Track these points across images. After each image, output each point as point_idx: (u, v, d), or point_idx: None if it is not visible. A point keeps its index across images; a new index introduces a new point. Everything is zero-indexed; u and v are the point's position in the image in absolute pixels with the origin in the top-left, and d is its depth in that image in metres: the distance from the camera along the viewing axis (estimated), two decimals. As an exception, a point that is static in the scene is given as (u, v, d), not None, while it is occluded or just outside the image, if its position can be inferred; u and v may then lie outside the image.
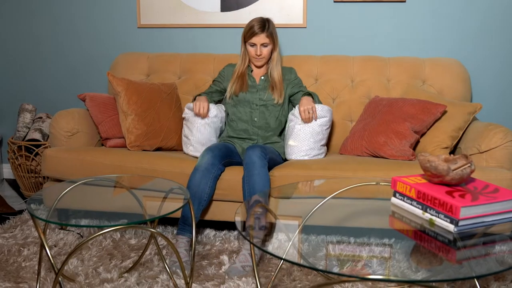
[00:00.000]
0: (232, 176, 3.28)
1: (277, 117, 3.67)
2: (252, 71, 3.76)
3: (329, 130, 3.59)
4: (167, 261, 2.93)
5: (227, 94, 3.73)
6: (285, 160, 3.62)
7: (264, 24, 3.59)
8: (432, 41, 4.17)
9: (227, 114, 3.78)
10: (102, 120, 3.84)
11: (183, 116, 3.66)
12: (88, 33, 4.68)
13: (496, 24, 4.08)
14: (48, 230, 3.44)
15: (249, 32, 3.59)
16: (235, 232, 3.50)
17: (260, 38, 3.58)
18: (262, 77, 3.73)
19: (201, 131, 3.54)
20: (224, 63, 4.12)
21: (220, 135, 3.77)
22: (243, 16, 4.35)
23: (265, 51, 3.63)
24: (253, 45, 3.62)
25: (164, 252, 3.15)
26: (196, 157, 3.53)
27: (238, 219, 2.13)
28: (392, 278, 1.59)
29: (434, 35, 4.16)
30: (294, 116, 3.52)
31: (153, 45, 4.59)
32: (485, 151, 3.22)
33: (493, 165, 3.20)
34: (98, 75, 4.74)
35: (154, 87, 3.89)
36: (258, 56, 3.64)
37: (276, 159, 3.43)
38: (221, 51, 4.44)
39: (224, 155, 3.33)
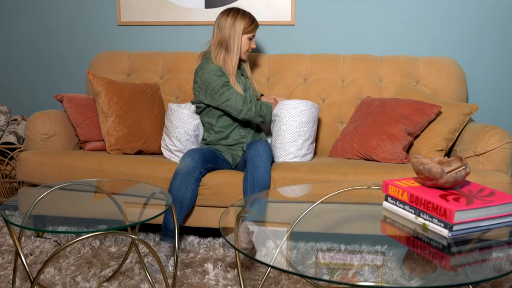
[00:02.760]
0: (216, 181, 3.28)
1: None
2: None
3: (315, 127, 3.60)
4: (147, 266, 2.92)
5: None
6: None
7: None
8: (426, 39, 4.19)
9: (208, 123, 3.65)
10: (80, 122, 3.83)
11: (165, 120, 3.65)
12: (66, 30, 4.67)
13: (493, 21, 4.10)
14: (23, 238, 3.43)
15: (252, 25, 3.55)
16: (220, 239, 3.49)
17: (257, 31, 3.63)
18: (242, 74, 3.72)
19: (180, 139, 3.54)
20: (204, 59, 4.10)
21: (202, 142, 3.74)
22: (229, 13, 4.34)
23: None
24: (252, 38, 3.60)
25: (145, 260, 3.14)
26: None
27: (222, 225, 2.13)
28: (384, 285, 1.60)
29: (428, 32, 4.18)
30: (278, 116, 3.52)
31: (134, 43, 4.59)
32: (481, 154, 3.24)
33: (490, 168, 3.22)
34: (76, 75, 4.73)
35: (136, 88, 3.88)
36: (253, 49, 3.68)
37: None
38: (205, 49, 4.44)
39: (208, 158, 3.32)
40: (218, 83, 3.46)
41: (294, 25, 4.33)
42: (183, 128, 3.53)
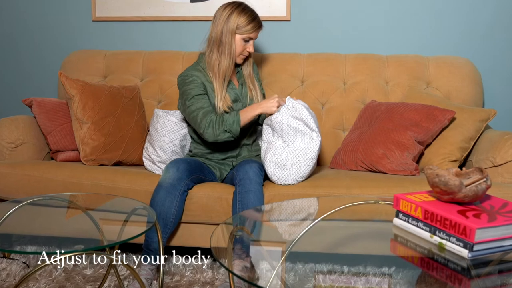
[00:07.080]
0: (203, 194, 3.26)
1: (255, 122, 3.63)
2: None
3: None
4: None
5: (218, 108, 3.42)
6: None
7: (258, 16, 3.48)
8: (437, 36, 4.19)
9: (195, 134, 3.59)
10: (51, 129, 3.80)
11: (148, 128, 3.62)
12: (35, 27, 4.65)
13: (511, 18, 4.10)
14: (-13, 259, 3.40)
15: (250, 25, 3.38)
16: (208, 260, 3.47)
17: (258, 33, 3.48)
18: (238, 80, 3.62)
19: (165, 150, 3.51)
20: (194, 62, 4.09)
21: (187, 154, 3.71)
22: (216, 7, 4.30)
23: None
24: (249, 40, 3.45)
25: (125, 283, 3.12)
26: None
27: (214, 244, 2.11)
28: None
29: (439, 30, 4.18)
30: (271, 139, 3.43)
31: (111, 41, 4.57)
32: (501, 165, 3.23)
33: (510, 180, 3.21)
34: (46, 77, 4.70)
35: (113, 91, 3.86)
36: (250, 53, 3.52)
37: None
38: (191, 48, 4.42)
39: (194, 169, 3.29)
40: (189, 93, 3.37)
41: (289, 21, 4.33)
42: (169, 137, 3.51)
